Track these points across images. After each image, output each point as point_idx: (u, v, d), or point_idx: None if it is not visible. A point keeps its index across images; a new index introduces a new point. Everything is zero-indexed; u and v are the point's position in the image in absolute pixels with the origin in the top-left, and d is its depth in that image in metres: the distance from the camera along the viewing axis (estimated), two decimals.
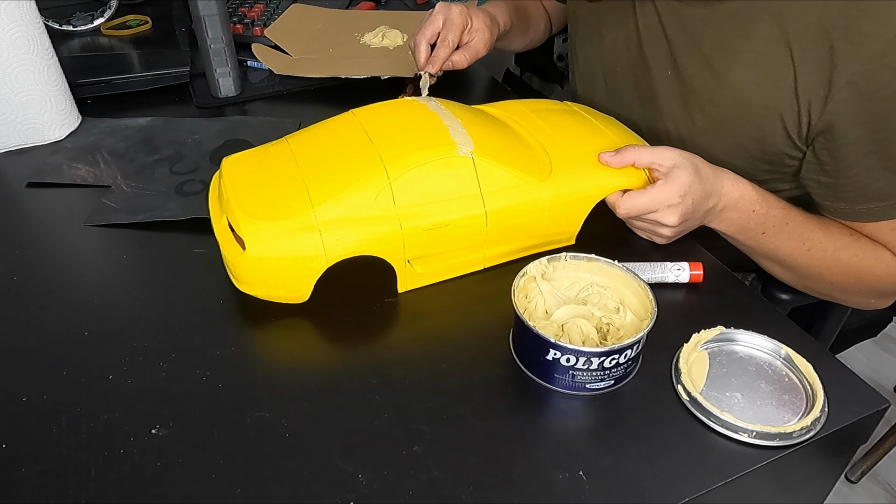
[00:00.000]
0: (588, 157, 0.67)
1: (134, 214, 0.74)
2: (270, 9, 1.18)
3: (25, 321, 0.62)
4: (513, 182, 0.62)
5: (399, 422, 0.53)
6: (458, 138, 0.62)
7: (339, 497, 0.47)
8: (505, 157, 0.63)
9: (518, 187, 0.62)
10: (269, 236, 0.57)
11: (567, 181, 0.65)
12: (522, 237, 0.65)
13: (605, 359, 0.52)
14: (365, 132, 0.63)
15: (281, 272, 0.58)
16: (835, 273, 0.70)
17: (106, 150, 0.85)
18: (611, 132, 0.72)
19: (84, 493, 0.48)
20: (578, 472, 0.49)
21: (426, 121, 0.64)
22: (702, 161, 0.66)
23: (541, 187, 0.63)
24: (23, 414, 0.54)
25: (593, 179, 0.66)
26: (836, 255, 0.69)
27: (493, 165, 0.61)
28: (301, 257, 0.58)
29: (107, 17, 1.15)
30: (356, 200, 0.58)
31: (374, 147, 0.61)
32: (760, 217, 0.68)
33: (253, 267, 0.58)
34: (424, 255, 0.62)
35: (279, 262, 0.58)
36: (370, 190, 0.59)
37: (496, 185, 0.61)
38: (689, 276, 0.64)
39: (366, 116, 0.65)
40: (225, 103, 0.97)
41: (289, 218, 0.58)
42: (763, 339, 0.57)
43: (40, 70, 0.83)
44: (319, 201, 0.58)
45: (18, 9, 0.78)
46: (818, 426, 0.51)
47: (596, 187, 0.66)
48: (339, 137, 0.64)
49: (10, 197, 0.78)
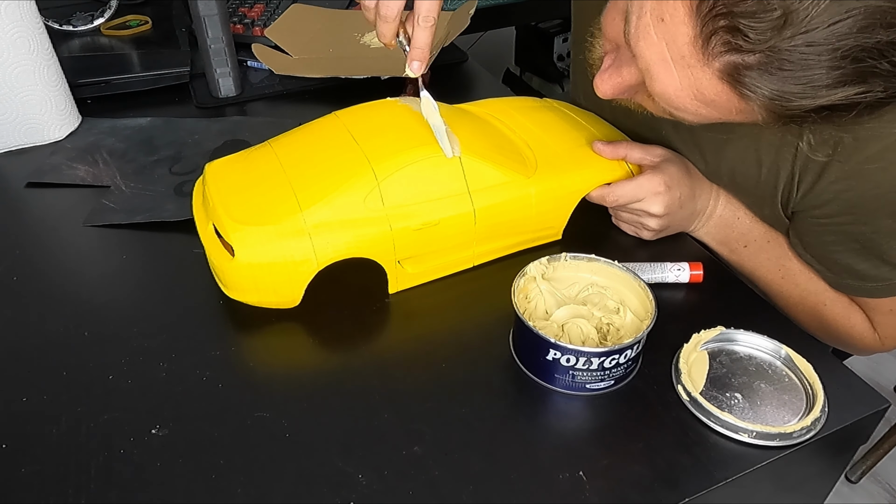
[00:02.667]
0: (573, 153, 0.67)
1: (132, 215, 0.74)
2: (270, 9, 1.18)
3: (25, 321, 0.62)
4: (500, 179, 0.62)
5: (399, 422, 0.53)
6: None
7: (339, 497, 0.47)
8: (491, 154, 0.63)
9: (505, 184, 0.62)
10: (259, 242, 0.57)
11: (553, 177, 0.65)
12: (510, 234, 0.65)
13: (605, 359, 0.52)
14: (350, 134, 0.62)
15: (272, 277, 0.58)
16: (801, 311, 0.70)
17: (105, 151, 0.85)
18: (593, 128, 0.73)
19: (84, 493, 0.48)
20: (578, 472, 0.49)
21: (411, 121, 0.64)
22: (694, 167, 0.66)
23: (527, 184, 0.63)
24: (23, 414, 0.54)
25: (579, 175, 0.66)
26: (804, 295, 0.69)
27: (479, 163, 0.61)
28: (291, 262, 0.57)
29: (107, 17, 1.15)
30: (345, 202, 0.58)
31: (360, 148, 0.60)
32: (745, 227, 0.68)
33: (243, 273, 0.58)
34: (414, 256, 0.62)
35: (269, 268, 0.57)
36: (359, 191, 0.58)
37: (483, 182, 0.62)
38: (689, 276, 0.64)
39: (349, 118, 0.65)
40: (225, 103, 0.97)
41: (278, 222, 0.57)
42: (763, 339, 0.57)
43: (40, 70, 0.83)
44: (308, 205, 0.58)
45: (18, 8, 0.78)
46: (818, 426, 0.51)
47: (582, 182, 0.66)
48: (323, 140, 0.64)
49: (10, 197, 0.78)
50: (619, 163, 0.68)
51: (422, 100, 0.63)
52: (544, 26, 1.93)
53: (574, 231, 0.69)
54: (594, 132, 0.71)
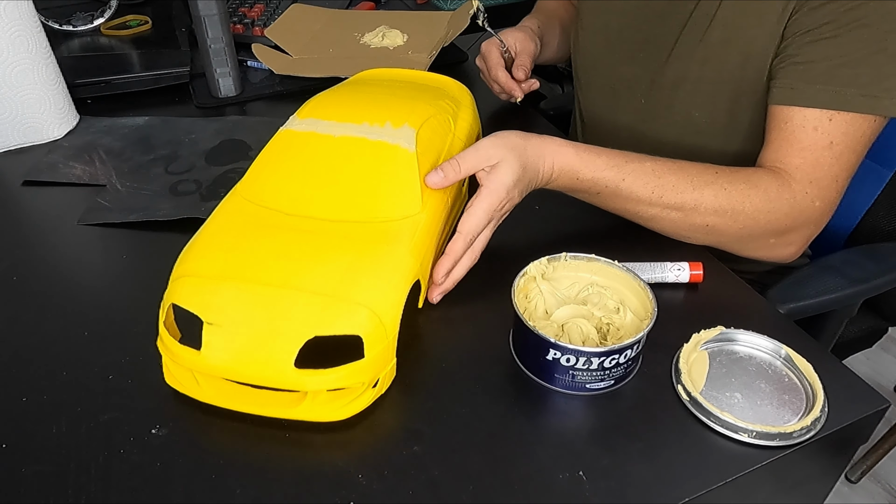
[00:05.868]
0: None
1: (127, 214, 0.74)
2: (270, 9, 1.18)
3: (25, 321, 0.62)
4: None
5: (399, 422, 0.53)
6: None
7: (339, 497, 0.47)
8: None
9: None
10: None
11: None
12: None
13: (605, 359, 0.52)
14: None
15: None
16: (704, 215, 0.66)
17: (102, 150, 0.85)
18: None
19: (84, 493, 0.48)
20: (578, 472, 0.49)
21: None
22: (522, 139, 0.64)
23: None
24: (23, 414, 0.54)
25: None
26: (697, 196, 0.66)
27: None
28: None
29: (107, 17, 1.15)
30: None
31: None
32: (587, 183, 0.66)
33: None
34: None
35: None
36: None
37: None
38: (689, 276, 0.64)
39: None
40: (225, 103, 0.97)
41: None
42: (763, 339, 0.57)
43: (38, 69, 0.83)
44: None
45: (17, 8, 0.78)
46: (818, 426, 0.51)
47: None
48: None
49: (6, 196, 0.78)
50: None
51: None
52: None
53: (574, 231, 0.69)
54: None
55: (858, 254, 0.83)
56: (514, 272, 0.58)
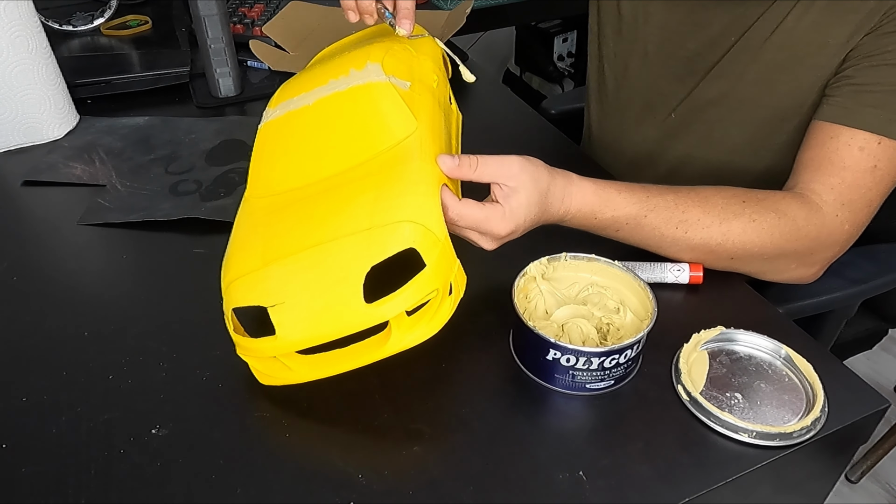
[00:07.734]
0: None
1: (127, 214, 0.74)
2: (270, 9, 1.18)
3: (25, 321, 0.62)
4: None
5: (399, 422, 0.53)
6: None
7: (339, 497, 0.47)
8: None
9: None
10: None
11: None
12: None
13: (605, 359, 0.52)
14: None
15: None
16: (731, 250, 0.64)
17: (102, 149, 0.85)
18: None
19: (84, 493, 0.48)
20: (578, 472, 0.49)
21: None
22: (549, 175, 0.60)
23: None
24: (23, 414, 0.54)
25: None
26: (725, 230, 0.63)
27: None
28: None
29: (107, 17, 1.15)
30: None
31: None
32: (607, 221, 0.63)
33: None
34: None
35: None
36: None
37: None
38: (689, 276, 0.64)
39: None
40: (225, 103, 0.97)
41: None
42: (763, 339, 0.57)
43: (38, 69, 0.83)
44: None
45: (17, 8, 0.78)
46: (818, 426, 0.51)
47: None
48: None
49: (6, 196, 0.78)
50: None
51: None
52: (544, 26, 1.93)
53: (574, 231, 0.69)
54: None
55: (857, 255, 0.83)
56: (514, 272, 0.58)
